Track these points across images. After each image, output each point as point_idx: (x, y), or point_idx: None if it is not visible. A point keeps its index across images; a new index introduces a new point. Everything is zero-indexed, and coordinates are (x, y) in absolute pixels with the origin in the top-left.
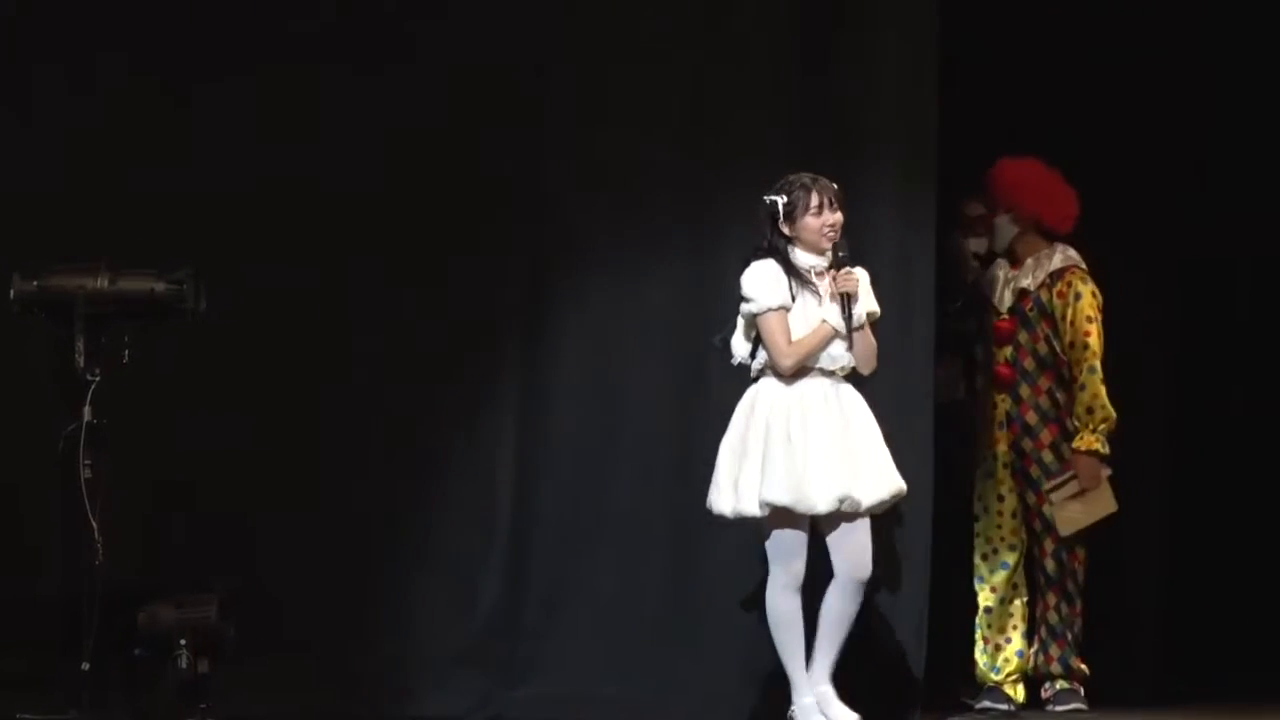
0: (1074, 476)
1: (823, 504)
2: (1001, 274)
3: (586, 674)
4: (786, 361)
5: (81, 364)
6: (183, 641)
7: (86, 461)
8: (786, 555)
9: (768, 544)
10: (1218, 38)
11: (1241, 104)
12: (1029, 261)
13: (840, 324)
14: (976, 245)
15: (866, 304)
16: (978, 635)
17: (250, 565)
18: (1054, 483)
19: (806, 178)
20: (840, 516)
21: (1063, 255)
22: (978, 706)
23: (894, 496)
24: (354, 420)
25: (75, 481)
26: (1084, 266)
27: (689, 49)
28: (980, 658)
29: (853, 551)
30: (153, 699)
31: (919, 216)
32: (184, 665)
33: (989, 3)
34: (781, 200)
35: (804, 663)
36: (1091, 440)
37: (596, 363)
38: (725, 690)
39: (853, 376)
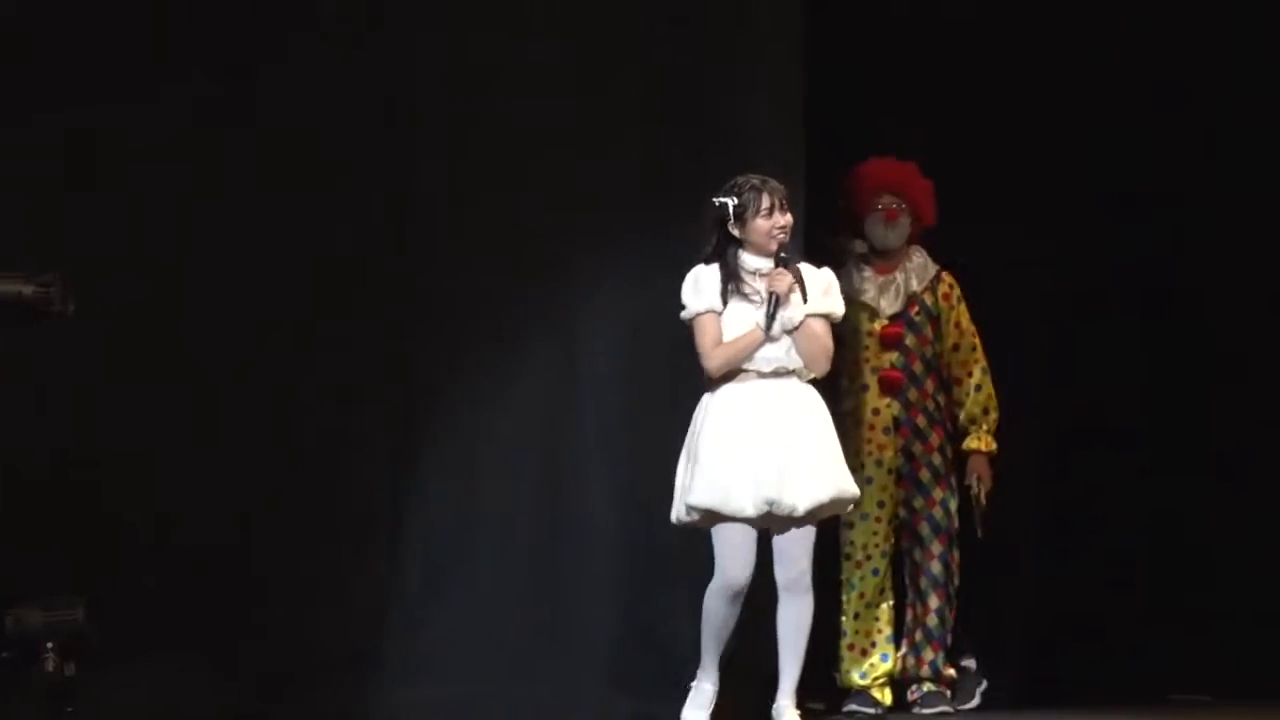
0: (980, 479)
1: (750, 508)
2: (870, 277)
3: (464, 677)
4: (711, 363)
5: None
6: (50, 644)
7: None
8: (725, 557)
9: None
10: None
11: (1108, 98)
12: (906, 264)
13: (764, 323)
14: (861, 246)
15: (827, 305)
16: (844, 641)
17: (124, 566)
18: (978, 488)
19: (755, 179)
20: (784, 521)
21: (927, 257)
22: (845, 710)
23: (835, 499)
24: (232, 419)
25: None
26: None
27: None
28: (846, 663)
29: (781, 557)
30: (21, 702)
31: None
32: (50, 668)
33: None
34: (733, 202)
35: (718, 655)
36: (990, 441)
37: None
38: (592, 695)
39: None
